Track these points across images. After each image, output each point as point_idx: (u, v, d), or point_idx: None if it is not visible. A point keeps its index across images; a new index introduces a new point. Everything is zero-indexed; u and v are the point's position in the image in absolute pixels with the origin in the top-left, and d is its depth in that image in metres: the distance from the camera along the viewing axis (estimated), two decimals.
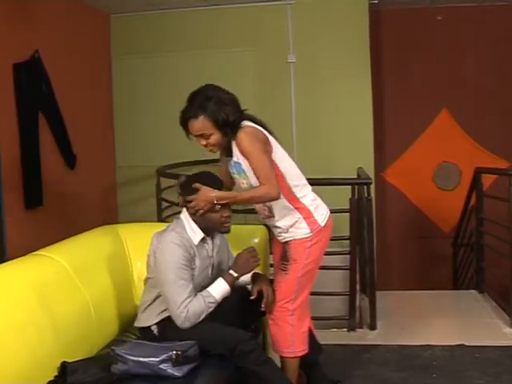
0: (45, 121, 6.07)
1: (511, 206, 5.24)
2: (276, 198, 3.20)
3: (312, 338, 3.65)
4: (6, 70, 5.53)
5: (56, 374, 2.75)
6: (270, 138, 3.36)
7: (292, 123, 7.40)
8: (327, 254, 5.43)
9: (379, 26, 8.10)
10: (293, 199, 3.34)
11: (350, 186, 5.22)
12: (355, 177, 5.92)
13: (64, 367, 2.76)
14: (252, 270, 3.30)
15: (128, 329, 3.56)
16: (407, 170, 8.31)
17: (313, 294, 5.15)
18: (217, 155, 3.52)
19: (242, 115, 3.35)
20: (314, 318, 3.96)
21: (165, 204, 6.18)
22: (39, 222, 5.82)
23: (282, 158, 3.37)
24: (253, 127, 3.30)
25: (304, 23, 7.38)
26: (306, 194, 3.42)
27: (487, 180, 6.51)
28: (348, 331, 5.15)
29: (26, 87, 5.74)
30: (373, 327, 5.17)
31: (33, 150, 5.83)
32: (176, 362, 2.84)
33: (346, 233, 5.15)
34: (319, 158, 7.23)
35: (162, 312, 3.24)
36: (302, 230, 3.36)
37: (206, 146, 3.32)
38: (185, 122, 3.33)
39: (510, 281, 5.27)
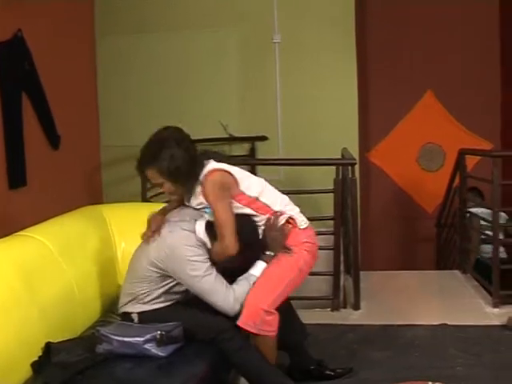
0: (28, 101, 6.03)
1: (494, 187, 5.27)
2: (232, 253, 3.18)
3: (294, 319, 3.69)
4: None
5: (40, 354, 2.76)
6: (236, 171, 3.37)
7: (276, 104, 7.38)
8: None
9: (365, 6, 8.07)
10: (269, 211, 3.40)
11: (334, 167, 5.23)
12: (339, 157, 5.93)
13: (48, 348, 2.78)
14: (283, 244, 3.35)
15: (112, 309, 3.57)
16: (392, 150, 8.32)
17: None
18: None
19: (202, 158, 3.34)
20: (297, 298, 3.98)
21: (149, 184, 6.16)
22: (23, 202, 5.79)
23: (249, 186, 3.37)
24: (220, 172, 3.28)
25: (289, 2, 7.34)
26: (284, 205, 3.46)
27: (471, 161, 6.55)
28: (332, 311, 5.17)
29: (9, 67, 5.68)
30: (356, 307, 5.20)
31: (16, 130, 5.78)
32: (160, 342, 2.87)
33: (330, 213, 5.17)
34: (304, 139, 7.23)
35: (150, 302, 3.25)
36: None
37: (164, 192, 3.38)
38: (140, 168, 3.37)
39: (492, 261, 5.32)
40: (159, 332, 2.87)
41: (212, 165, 3.29)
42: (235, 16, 7.42)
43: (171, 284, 3.23)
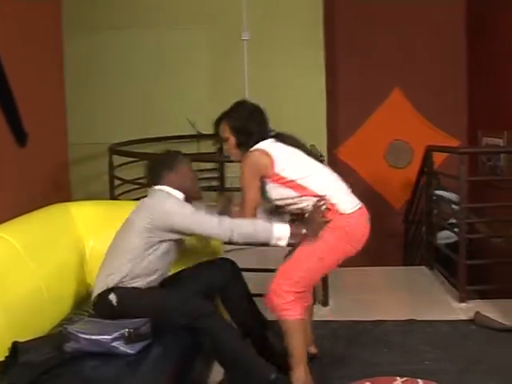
0: None
1: (461, 184, 5.32)
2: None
3: (256, 312, 3.74)
4: None
5: (7, 354, 2.73)
6: (278, 153, 3.52)
7: None
8: None
9: (333, 3, 8.10)
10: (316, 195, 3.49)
11: None
12: None
13: (15, 347, 2.75)
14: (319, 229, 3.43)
15: (81, 307, 3.55)
16: (360, 147, 8.36)
17: (266, 270, 5.20)
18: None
19: (262, 135, 3.61)
20: (264, 295, 3.98)
21: (117, 182, 6.15)
22: None
23: (287, 168, 3.49)
24: (258, 153, 3.50)
25: (258, 0, 7.36)
26: (329, 190, 3.53)
27: (438, 158, 6.60)
28: None
29: None
30: (325, 303, 5.22)
31: None
32: (128, 339, 2.85)
33: None
34: None
35: (129, 280, 3.31)
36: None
37: (227, 150, 3.71)
38: (216, 123, 3.78)
39: (459, 257, 5.37)
40: (127, 329, 2.86)
41: (258, 144, 3.55)
42: (204, 14, 7.43)
43: (153, 255, 3.35)
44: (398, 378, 3.09)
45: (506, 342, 4.28)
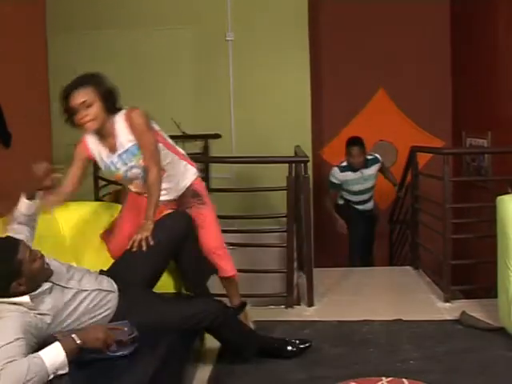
0: None
1: (445, 184, 5.33)
2: (160, 177, 3.61)
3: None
4: None
5: None
6: None
7: (230, 101, 7.38)
8: (264, 231, 5.50)
9: (318, 4, 8.11)
10: (177, 152, 3.83)
11: (287, 164, 5.24)
12: (292, 155, 5.94)
13: None
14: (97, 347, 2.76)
15: None
16: (344, 148, 8.34)
17: (251, 271, 5.20)
18: None
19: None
20: (251, 296, 3.99)
21: (102, 182, 6.12)
22: None
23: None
24: (141, 109, 3.60)
25: (243, 0, 7.36)
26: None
27: (423, 158, 6.61)
28: (286, 308, 5.18)
29: None
30: (310, 304, 5.22)
31: None
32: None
33: (284, 210, 5.17)
34: (257, 137, 7.24)
35: None
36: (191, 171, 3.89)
37: (84, 117, 3.50)
38: (69, 92, 3.56)
39: (443, 257, 5.38)
40: None
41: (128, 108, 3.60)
42: (189, 14, 7.40)
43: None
44: (384, 378, 3.08)
45: (491, 341, 4.29)
